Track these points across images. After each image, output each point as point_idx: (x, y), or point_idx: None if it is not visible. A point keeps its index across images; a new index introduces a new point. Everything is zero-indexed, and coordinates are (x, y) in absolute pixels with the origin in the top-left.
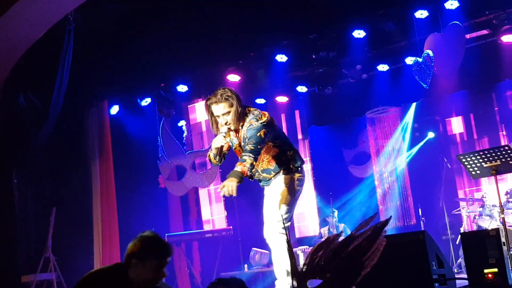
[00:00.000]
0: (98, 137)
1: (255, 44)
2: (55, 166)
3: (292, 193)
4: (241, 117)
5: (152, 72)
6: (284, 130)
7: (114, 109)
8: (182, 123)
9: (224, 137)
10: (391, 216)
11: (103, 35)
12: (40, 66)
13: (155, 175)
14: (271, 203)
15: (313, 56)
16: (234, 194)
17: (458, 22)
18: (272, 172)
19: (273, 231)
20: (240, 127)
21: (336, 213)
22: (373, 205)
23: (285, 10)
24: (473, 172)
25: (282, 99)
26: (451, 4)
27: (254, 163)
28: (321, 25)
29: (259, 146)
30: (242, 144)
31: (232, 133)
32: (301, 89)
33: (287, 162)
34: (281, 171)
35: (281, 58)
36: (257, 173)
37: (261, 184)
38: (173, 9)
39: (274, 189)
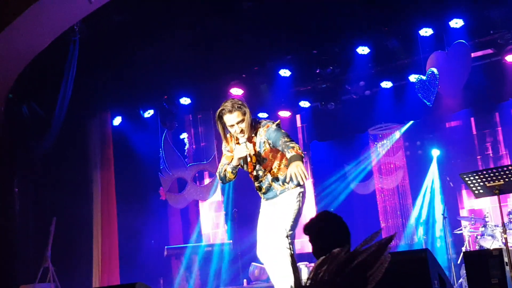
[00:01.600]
0: (100, 148)
1: (259, 58)
2: (56, 176)
3: (299, 209)
4: (253, 125)
5: (155, 84)
6: None
7: (117, 120)
8: (184, 135)
9: (247, 148)
10: (396, 233)
11: (107, 46)
12: (44, 76)
13: (156, 187)
14: (279, 218)
15: (317, 71)
16: (307, 175)
17: (463, 41)
18: (281, 184)
19: (278, 246)
20: (253, 135)
21: None
22: (375, 222)
23: (289, 25)
24: (476, 192)
25: (284, 113)
26: (456, 23)
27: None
28: (325, 40)
29: (291, 138)
30: (258, 150)
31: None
32: (304, 104)
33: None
34: (289, 184)
35: (285, 72)
36: (266, 182)
37: (264, 196)
38: (177, 22)
39: (282, 203)
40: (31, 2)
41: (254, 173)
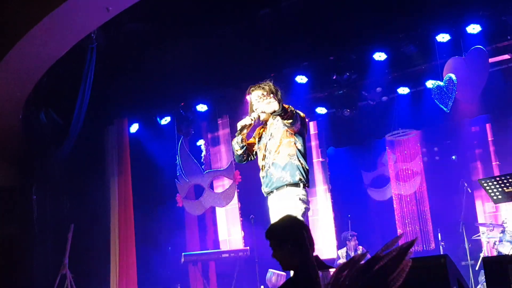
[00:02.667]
0: (117, 155)
1: (275, 64)
2: (74, 183)
3: (305, 211)
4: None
5: (172, 91)
6: None
7: (134, 127)
8: (200, 142)
9: (252, 120)
10: (416, 237)
11: (124, 53)
12: (62, 83)
13: (173, 194)
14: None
15: (333, 78)
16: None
17: (481, 46)
18: (286, 176)
19: None
20: (273, 119)
21: (355, 237)
22: (392, 228)
23: (305, 32)
24: (495, 197)
25: None
26: (473, 28)
27: (294, 114)
28: (341, 47)
29: (301, 114)
30: (271, 136)
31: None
32: (321, 110)
33: (303, 174)
34: (296, 181)
35: (301, 79)
36: (271, 166)
37: (268, 189)
38: (193, 29)
39: (288, 203)
40: (49, 10)
41: (263, 157)
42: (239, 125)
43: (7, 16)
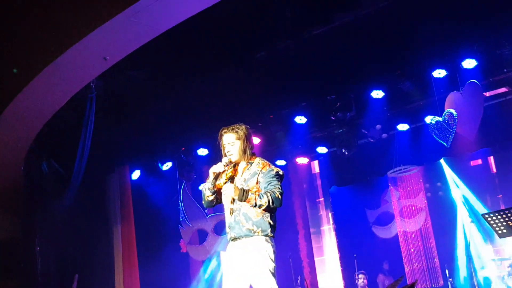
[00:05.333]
0: (120, 202)
1: (274, 106)
2: (77, 232)
3: (274, 265)
4: (245, 153)
5: (172, 136)
6: (305, 191)
7: (136, 174)
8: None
9: (224, 166)
10: (417, 280)
11: (123, 101)
12: (62, 133)
13: (177, 240)
14: (262, 273)
15: (332, 118)
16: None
17: (475, 81)
18: (255, 224)
19: None
20: (246, 164)
21: (363, 276)
22: (399, 266)
23: (302, 73)
24: (499, 232)
25: (302, 160)
26: (469, 63)
27: (265, 205)
28: (339, 86)
29: (281, 197)
30: (244, 182)
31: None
32: (321, 150)
33: (272, 224)
34: (266, 231)
35: (300, 119)
36: (241, 210)
37: (233, 235)
38: (191, 74)
39: (260, 256)
40: (48, 62)
41: (232, 200)
42: (212, 171)
43: (7, 70)
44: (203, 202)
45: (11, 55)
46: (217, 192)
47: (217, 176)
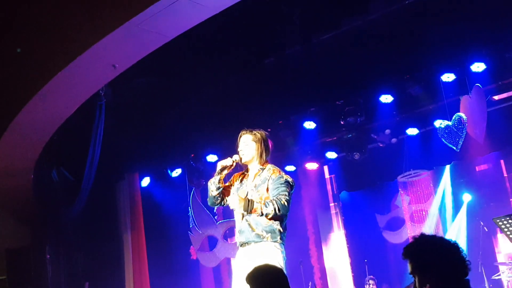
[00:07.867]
0: (130, 209)
1: (283, 112)
2: (87, 240)
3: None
4: (261, 157)
5: (181, 143)
6: (315, 196)
7: (145, 181)
8: None
9: (233, 162)
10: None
11: (133, 108)
12: (72, 141)
13: (187, 246)
14: None
15: (341, 123)
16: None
17: (479, 85)
18: (264, 230)
19: None
20: (258, 170)
21: (373, 281)
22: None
23: (310, 78)
24: (511, 235)
25: (312, 165)
26: (478, 67)
27: (271, 213)
28: (348, 91)
29: (288, 204)
30: (255, 187)
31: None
32: (331, 155)
33: (282, 230)
34: (275, 238)
35: (309, 125)
36: (252, 215)
37: (242, 240)
38: (200, 81)
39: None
40: (57, 70)
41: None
42: (220, 165)
43: (16, 78)
44: (207, 199)
45: (20, 64)
46: (223, 193)
47: (223, 169)
